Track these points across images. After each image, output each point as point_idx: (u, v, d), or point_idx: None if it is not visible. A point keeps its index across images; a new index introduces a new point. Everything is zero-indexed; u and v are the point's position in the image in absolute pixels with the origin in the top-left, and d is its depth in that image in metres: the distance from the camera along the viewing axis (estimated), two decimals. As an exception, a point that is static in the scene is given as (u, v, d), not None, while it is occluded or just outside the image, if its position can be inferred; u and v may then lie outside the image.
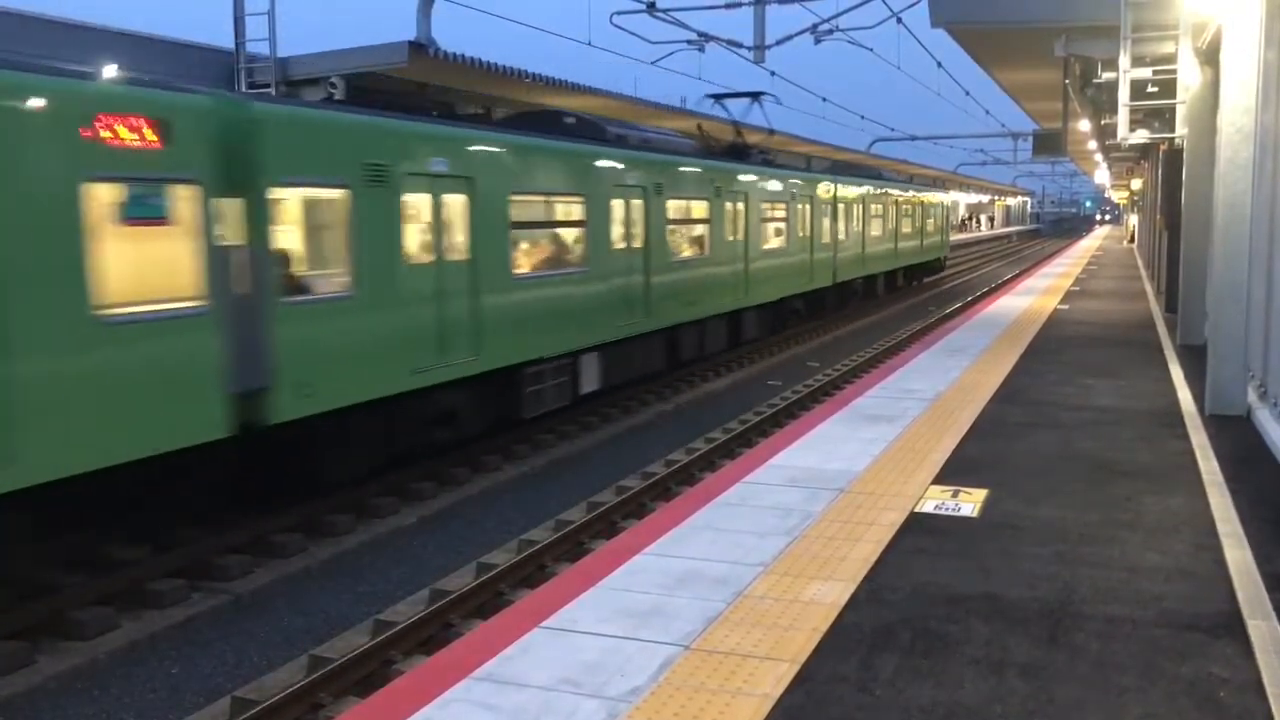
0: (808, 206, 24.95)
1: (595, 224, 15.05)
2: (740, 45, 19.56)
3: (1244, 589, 5.64)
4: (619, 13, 18.44)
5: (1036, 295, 25.42)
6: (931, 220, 40.18)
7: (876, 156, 49.74)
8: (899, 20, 21.04)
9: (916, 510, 7.18)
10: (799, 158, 34.94)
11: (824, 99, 33.85)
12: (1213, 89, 13.47)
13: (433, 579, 9.44)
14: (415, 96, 18.34)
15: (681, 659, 4.83)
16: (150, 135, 8.27)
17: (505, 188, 12.85)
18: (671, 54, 20.94)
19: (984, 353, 15.07)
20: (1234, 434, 9.59)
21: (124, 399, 8.11)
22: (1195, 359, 13.48)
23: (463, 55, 16.95)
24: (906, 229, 35.75)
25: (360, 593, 9.36)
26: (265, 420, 9.45)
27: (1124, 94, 12.80)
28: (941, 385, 12.27)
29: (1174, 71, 13.12)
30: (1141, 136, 18.33)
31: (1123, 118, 13.31)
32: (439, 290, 11.69)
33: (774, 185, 22.57)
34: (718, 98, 23.17)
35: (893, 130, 50.83)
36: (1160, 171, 24.71)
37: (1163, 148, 21.32)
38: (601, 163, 15.30)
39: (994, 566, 6.05)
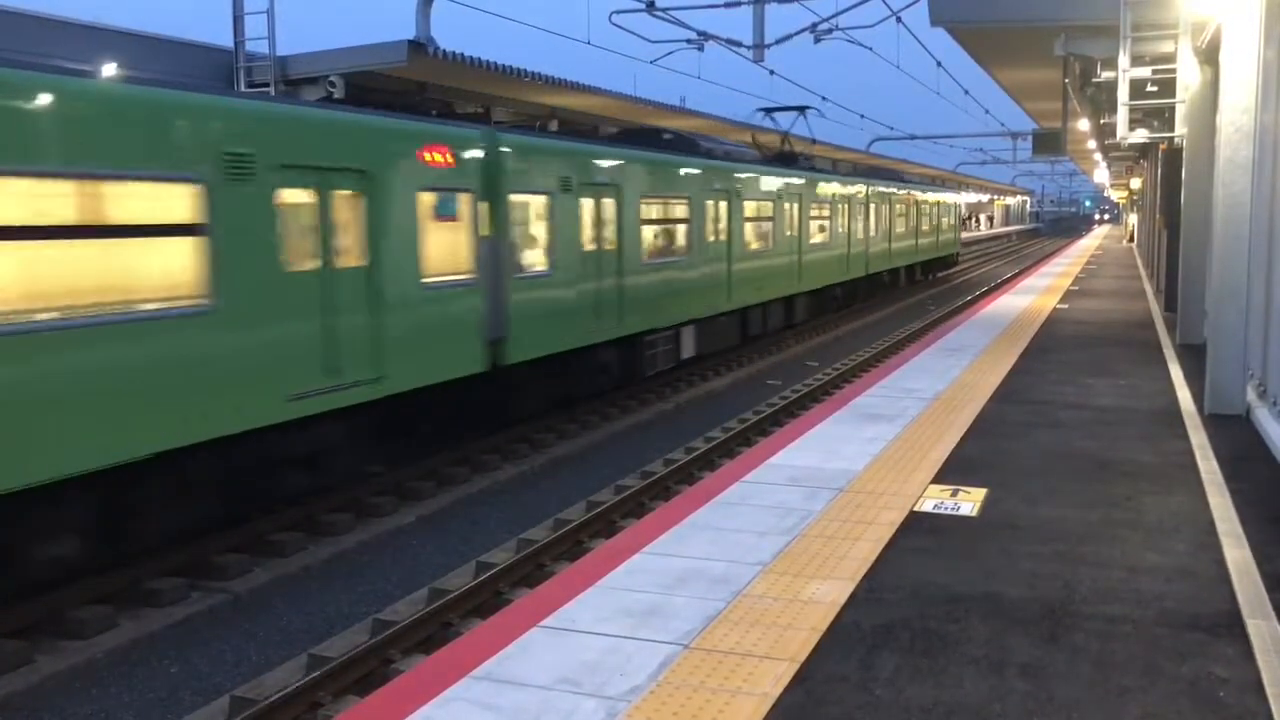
0: (846, 206, 28.30)
1: (695, 222, 18.51)
2: (739, 44, 19.57)
3: (1243, 589, 5.64)
4: (618, 11, 18.44)
5: (1036, 294, 25.42)
6: (946, 219, 44.12)
7: (900, 160, 50.03)
8: (898, 19, 21.06)
9: (916, 509, 7.18)
10: (826, 161, 37.40)
11: (824, 98, 33.84)
12: (1212, 88, 13.47)
13: (432, 578, 9.44)
14: (414, 95, 18.33)
15: (681, 658, 4.83)
16: (449, 159, 11.87)
17: (638, 193, 16.29)
18: (671, 53, 20.98)
19: (983, 352, 15.07)
20: (1233, 433, 9.59)
21: (436, 342, 11.72)
22: (1195, 358, 13.48)
23: (462, 54, 16.95)
24: (925, 227, 39.52)
25: (359, 592, 9.35)
26: (502, 361, 12.89)
27: (1123, 93, 12.80)
28: (941, 384, 12.27)
29: (1173, 71, 13.12)
30: (1141, 136, 18.33)
31: (1122, 117, 13.31)
32: (599, 271, 15.10)
33: (819, 188, 25.88)
34: (768, 111, 26.27)
35: (892, 129, 50.83)
36: (1160, 171, 24.72)
37: (1162, 147, 21.32)
38: (698, 172, 18.68)
39: (994, 566, 6.05)
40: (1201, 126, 14.57)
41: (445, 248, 11.90)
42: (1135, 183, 45.97)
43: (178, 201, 8.68)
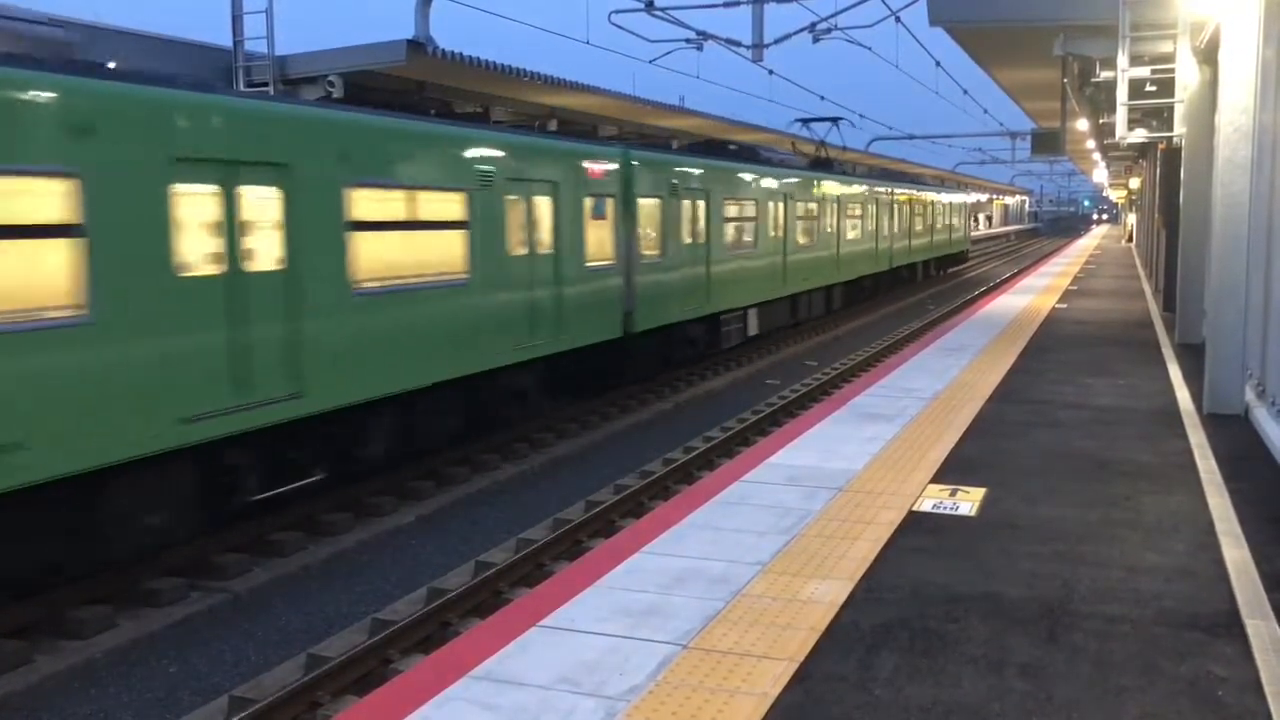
0: (874, 208, 31.94)
1: (760, 220, 22.07)
2: (739, 44, 19.56)
3: (1242, 588, 5.64)
4: (617, 11, 18.43)
5: (1035, 294, 25.43)
6: (957, 219, 48.82)
7: (900, 160, 50.27)
8: (897, 19, 21.04)
9: (915, 509, 7.18)
10: (846, 165, 39.35)
11: (822, 98, 33.83)
12: (1211, 88, 13.48)
13: (431, 578, 9.44)
14: (413, 95, 18.32)
15: (680, 658, 4.83)
16: (601, 172, 15.53)
17: (721, 196, 19.84)
18: (670, 52, 20.98)
19: (982, 351, 15.07)
20: (1232, 433, 9.59)
21: (595, 312, 15.44)
22: (1193, 358, 13.49)
23: (461, 54, 16.94)
24: (939, 226, 43.72)
25: (358, 592, 9.35)
26: (631, 330, 16.42)
27: (1122, 93, 12.81)
28: (940, 384, 12.27)
29: (1172, 70, 13.13)
30: (1140, 136, 18.36)
31: (1121, 117, 13.32)
32: (694, 260, 18.71)
33: (854, 190, 29.57)
34: (805, 121, 29.88)
35: (891, 129, 50.81)
36: (1158, 170, 24.73)
37: (1161, 147, 21.33)
38: (761, 177, 22.18)
39: (993, 565, 6.05)
40: (1200, 126, 14.58)
41: (599, 239, 15.54)
42: (1134, 182, 46.00)
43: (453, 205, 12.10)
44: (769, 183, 22.60)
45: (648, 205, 17.02)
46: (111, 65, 12.15)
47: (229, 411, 9.09)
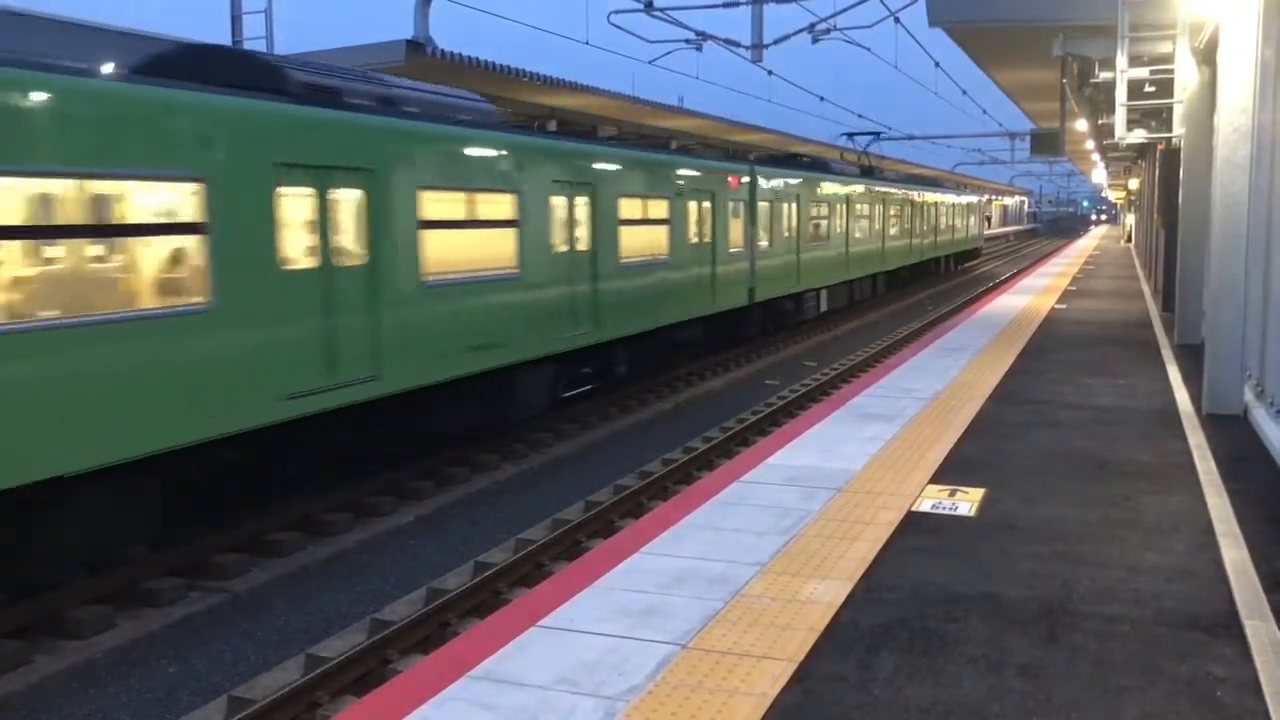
0: (909, 209, 37.95)
1: (831, 219, 27.76)
2: (738, 44, 19.57)
3: (1241, 589, 5.64)
4: (616, 11, 18.43)
5: (1034, 294, 25.43)
6: (973, 217, 55.57)
7: (899, 160, 50.71)
8: (897, 20, 21.03)
9: (914, 509, 7.18)
10: (887, 171, 44.94)
11: (821, 98, 33.83)
12: (1210, 88, 13.48)
13: (430, 578, 9.43)
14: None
15: (679, 658, 4.83)
16: (737, 182, 20.99)
17: (808, 200, 25.70)
18: (669, 53, 21.01)
19: (982, 352, 15.08)
20: (1231, 433, 9.59)
21: (733, 284, 20.75)
22: (1192, 358, 13.49)
23: (461, 54, 16.94)
24: (959, 224, 50.08)
25: (358, 592, 9.35)
26: (752, 301, 21.89)
27: (1121, 93, 12.83)
28: (939, 384, 12.28)
29: (1171, 71, 13.15)
30: (1139, 136, 18.38)
31: (1120, 117, 13.34)
32: (788, 250, 24.18)
33: (894, 194, 35.52)
34: (850, 135, 36.38)
35: (890, 129, 50.79)
36: (1158, 171, 24.73)
37: (1160, 147, 21.34)
38: (829, 183, 27.77)
39: (992, 566, 6.05)
40: (1199, 126, 14.58)
41: (735, 233, 21.00)
42: (1133, 183, 45.99)
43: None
44: (837, 188, 28.43)
45: (762, 208, 22.44)
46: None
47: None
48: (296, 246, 9.86)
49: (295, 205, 9.83)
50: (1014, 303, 23.36)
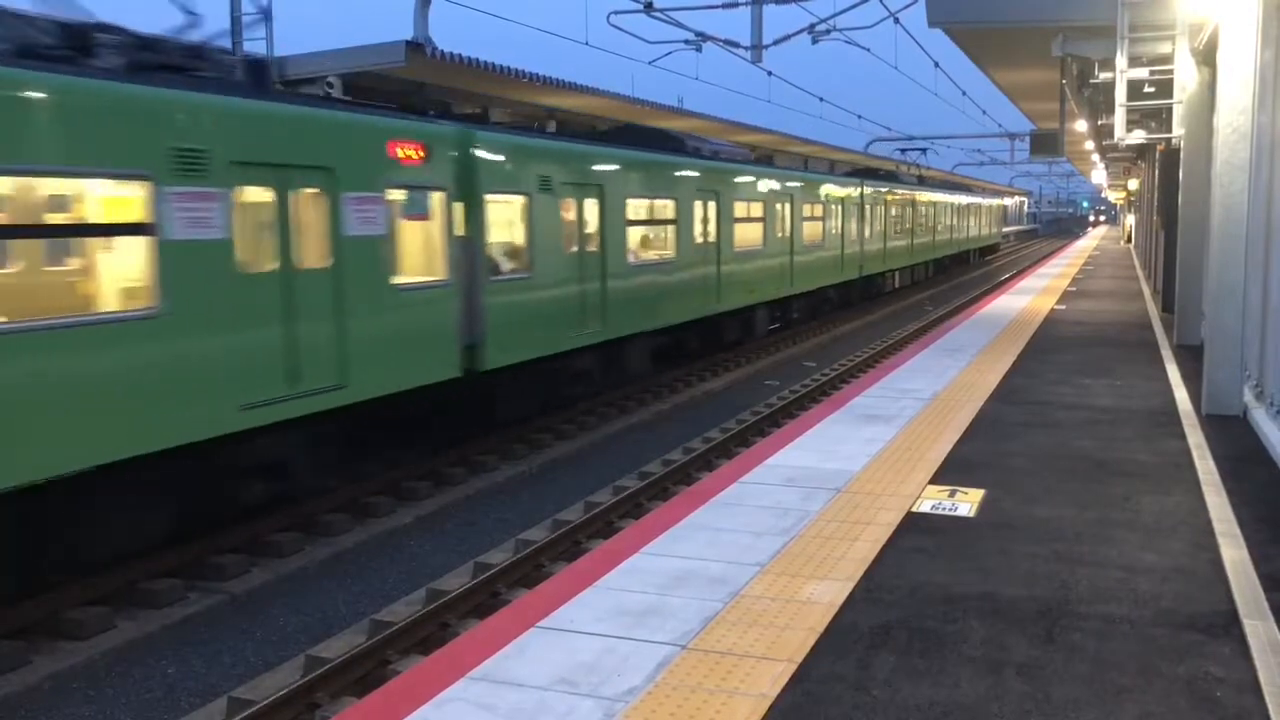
0: (949, 209, 46.48)
1: (914, 218, 37.73)
2: (737, 45, 19.57)
3: (1240, 589, 5.64)
4: (616, 12, 18.44)
5: (1034, 295, 25.43)
6: (993, 217, 65.63)
7: (901, 162, 51.18)
8: (896, 20, 21.03)
9: (914, 510, 7.18)
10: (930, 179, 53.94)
11: (821, 99, 33.85)
12: (1209, 89, 13.48)
13: (430, 579, 9.43)
14: (412, 96, 18.32)
15: (678, 659, 4.83)
16: (855, 191, 29.26)
17: (904, 204, 35.78)
18: (669, 53, 21.02)
19: (981, 352, 15.08)
20: (1230, 434, 9.59)
21: (838, 269, 28.98)
22: (1192, 359, 13.50)
23: (460, 55, 16.94)
24: (983, 222, 59.35)
25: (357, 592, 9.35)
26: (861, 273, 31.33)
27: (1121, 94, 12.83)
28: (939, 385, 12.28)
29: (1171, 72, 13.15)
30: (1138, 137, 18.38)
31: (1120, 118, 13.34)
32: (886, 240, 33.62)
33: (939, 198, 43.89)
34: (904, 149, 47.02)
35: (889, 130, 50.82)
36: (1157, 172, 24.74)
37: (1160, 148, 21.35)
38: (910, 190, 36.71)
39: (991, 566, 6.05)
40: (1199, 127, 14.58)
41: (848, 227, 28.24)
42: (1133, 184, 45.99)
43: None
44: (917, 195, 38.95)
45: (876, 210, 31.18)
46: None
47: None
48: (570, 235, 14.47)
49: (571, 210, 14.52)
50: (1013, 303, 23.36)
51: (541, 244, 13.75)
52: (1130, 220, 60.25)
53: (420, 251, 11.81)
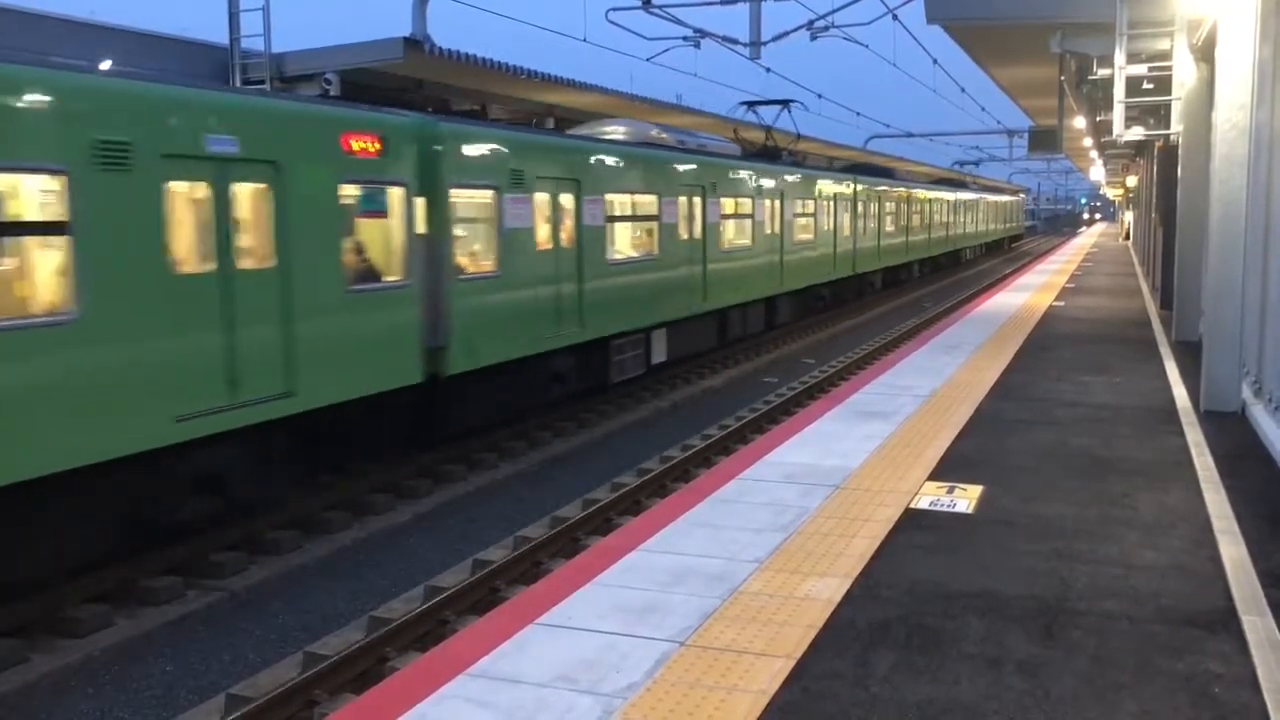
0: (992, 208, 62.20)
1: (969, 217, 52.94)
2: (736, 41, 19.55)
3: (1239, 585, 5.65)
4: (615, 9, 18.42)
5: (1032, 292, 25.43)
6: (1018, 211, 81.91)
7: (898, 158, 52.29)
8: (895, 17, 21.03)
9: (912, 506, 7.18)
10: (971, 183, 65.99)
11: (819, 95, 33.81)
12: (1208, 85, 13.48)
13: (428, 576, 9.43)
14: (410, 93, 18.30)
15: (677, 655, 4.83)
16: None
17: (963, 206, 51.08)
18: (667, 50, 20.94)
19: (979, 349, 15.08)
20: (1229, 430, 9.60)
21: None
22: (1190, 355, 13.50)
23: (458, 52, 16.92)
24: (1010, 215, 74.54)
25: (355, 590, 9.34)
26: (912, 258, 40.76)
27: (1119, 90, 12.83)
28: (937, 382, 12.28)
29: (1169, 68, 13.15)
30: (1137, 133, 18.37)
31: (1118, 114, 13.34)
32: (951, 232, 48.71)
33: (970, 196, 54.13)
34: (963, 163, 66.05)
35: (888, 126, 50.83)
36: (1156, 168, 24.74)
37: (1158, 144, 21.34)
38: (967, 196, 51.56)
39: (990, 563, 6.05)
40: (1197, 123, 14.58)
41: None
42: (1131, 180, 46.01)
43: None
44: (977, 197, 52.04)
45: (935, 210, 40.03)
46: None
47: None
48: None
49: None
50: (1012, 300, 23.36)
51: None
52: (1129, 217, 60.27)
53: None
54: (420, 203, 11.63)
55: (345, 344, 10.40)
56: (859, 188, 30.15)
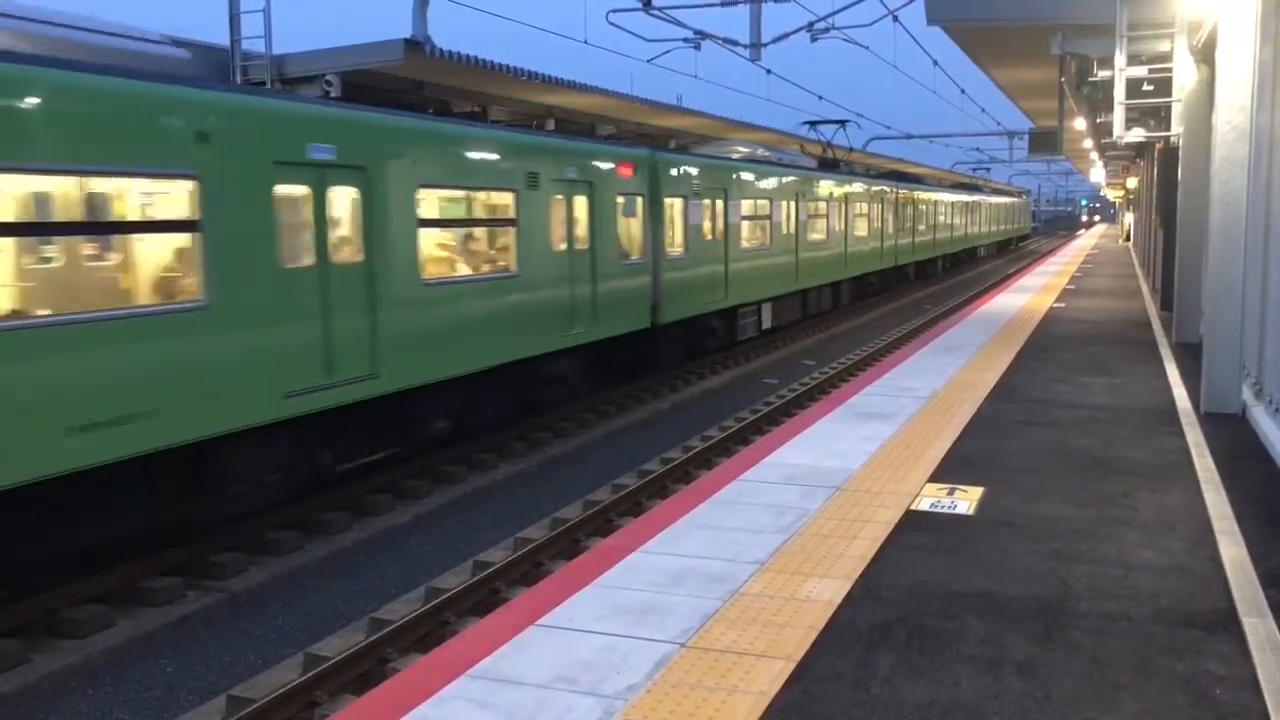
0: (1002, 207, 68.38)
1: (994, 215, 66.05)
2: (736, 43, 19.55)
3: (1239, 586, 5.65)
4: (615, 10, 18.42)
5: (1032, 293, 25.43)
6: (1026, 214, 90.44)
7: (898, 159, 52.41)
8: (895, 18, 21.01)
9: (913, 508, 7.18)
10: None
11: (820, 97, 33.82)
12: (1208, 87, 13.48)
13: (429, 577, 9.44)
14: (411, 94, 18.30)
15: (677, 657, 4.83)
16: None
17: (988, 208, 62.37)
18: (668, 51, 20.95)
19: (980, 350, 15.08)
20: (1229, 432, 9.60)
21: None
22: (1191, 357, 13.50)
23: (459, 53, 16.92)
24: (1018, 215, 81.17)
25: (356, 591, 9.35)
26: (959, 249, 52.31)
27: (1120, 92, 12.82)
28: (938, 383, 12.28)
29: (1170, 69, 13.14)
30: (1137, 135, 18.38)
31: (1119, 116, 13.33)
32: (980, 230, 60.22)
33: (986, 199, 61.18)
34: (976, 166, 68.17)
35: (889, 128, 50.79)
36: (1156, 170, 24.74)
37: (1159, 146, 21.35)
38: (990, 198, 63.65)
39: (990, 564, 6.05)
40: (1198, 125, 14.58)
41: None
42: (1131, 182, 46.01)
43: None
44: (1004, 200, 65.52)
45: (977, 212, 52.45)
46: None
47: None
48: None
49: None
50: (1012, 301, 23.36)
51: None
52: (1129, 218, 60.27)
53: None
54: (646, 205, 17.52)
55: (621, 297, 16.39)
56: (900, 193, 36.72)
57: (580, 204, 15.19)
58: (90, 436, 7.88)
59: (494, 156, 13.22)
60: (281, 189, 9.64)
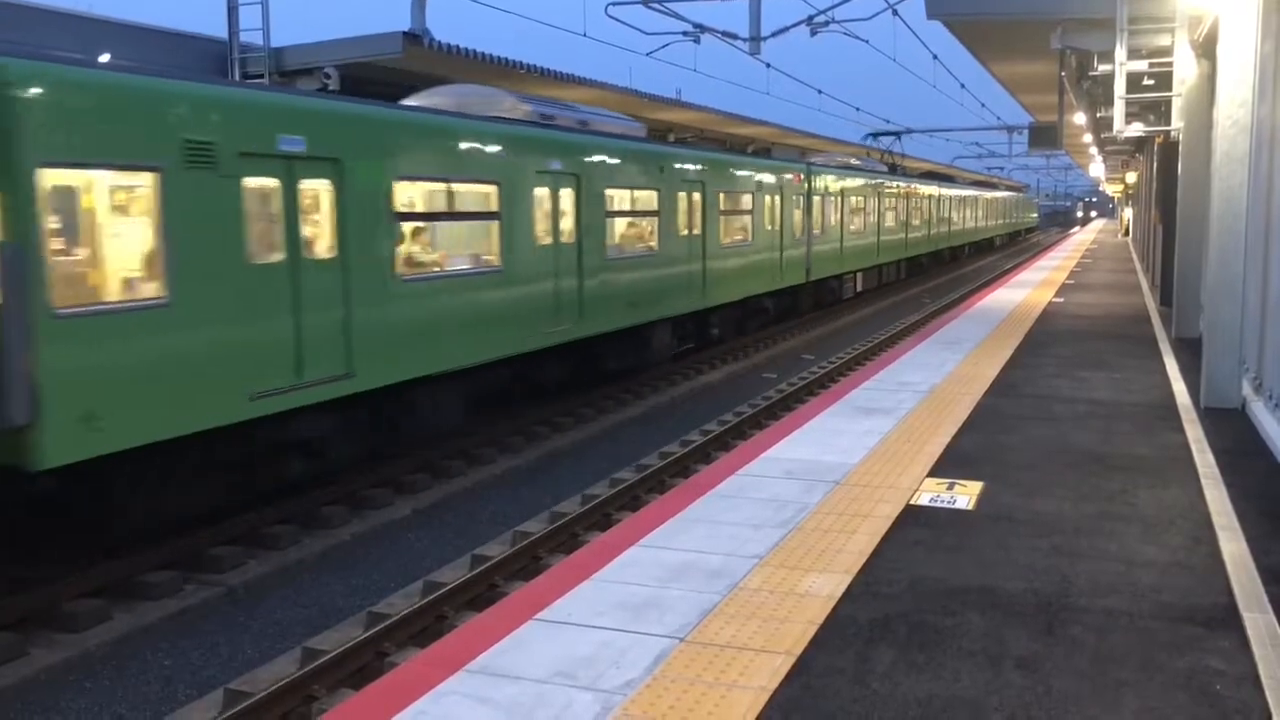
0: (1014, 201, 77.40)
1: (1010, 211, 75.37)
2: (736, 37, 19.51)
3: (1240, 582, 5.64)
4: (614, 4, 18.38)
5: (1031, 288, 25.42)
6: (1033, 208, 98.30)
7: (902, 155, 53.22)
8: (895, 12, 21.00)
9: (912, 503, 7.17)
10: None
11: (819, 91, 33.78)
12: (1209, 82, 13.46)
13: (426, 571, 9.42)
14: (409, 87, 18.25)
15: (676, 652, 4.82)
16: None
17: (1009, 204, 75.69)
18: (667, 45, 20.90)
19: (979, 345, 15.06)
20: (1229, 427, 9.59)
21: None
22: (1190, 352, 13.49)
23: (458, 46, 16.89)
24: (1025, 208, 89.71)
25: (354, 585, 9.33)
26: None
27: (1120, 87, 12.79)
28: (937, 378, 12.26)
29: (1170, 64, 13.11)
30: (1137, 129, 18.35)
31: (1119, 110, 13.31)
32: (1004, 222, 72.64)
33: (1003, 195, 70.49)
34: (995, 170, 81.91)
35: (888, 122, 50.74)
36: (1156, 165, 24.72)
37: (1158, 140, 21.32)
38: (1000, 194, 69.87)
39: (990, 559, 6.04)
40: (1198, 120, 14.56)
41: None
42: (1131, 177, 46.01)
43: None
44: (1016, 198, 76.39)
45: (1008, 207, 67.46)
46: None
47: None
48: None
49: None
50: (1011, 296, 23.35)
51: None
52: (1128, 213, 60.28)
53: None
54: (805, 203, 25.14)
55: (797, 261, 24.91)
56: (942, 192, 45.21)
57: (770, 200, 22.64)
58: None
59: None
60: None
